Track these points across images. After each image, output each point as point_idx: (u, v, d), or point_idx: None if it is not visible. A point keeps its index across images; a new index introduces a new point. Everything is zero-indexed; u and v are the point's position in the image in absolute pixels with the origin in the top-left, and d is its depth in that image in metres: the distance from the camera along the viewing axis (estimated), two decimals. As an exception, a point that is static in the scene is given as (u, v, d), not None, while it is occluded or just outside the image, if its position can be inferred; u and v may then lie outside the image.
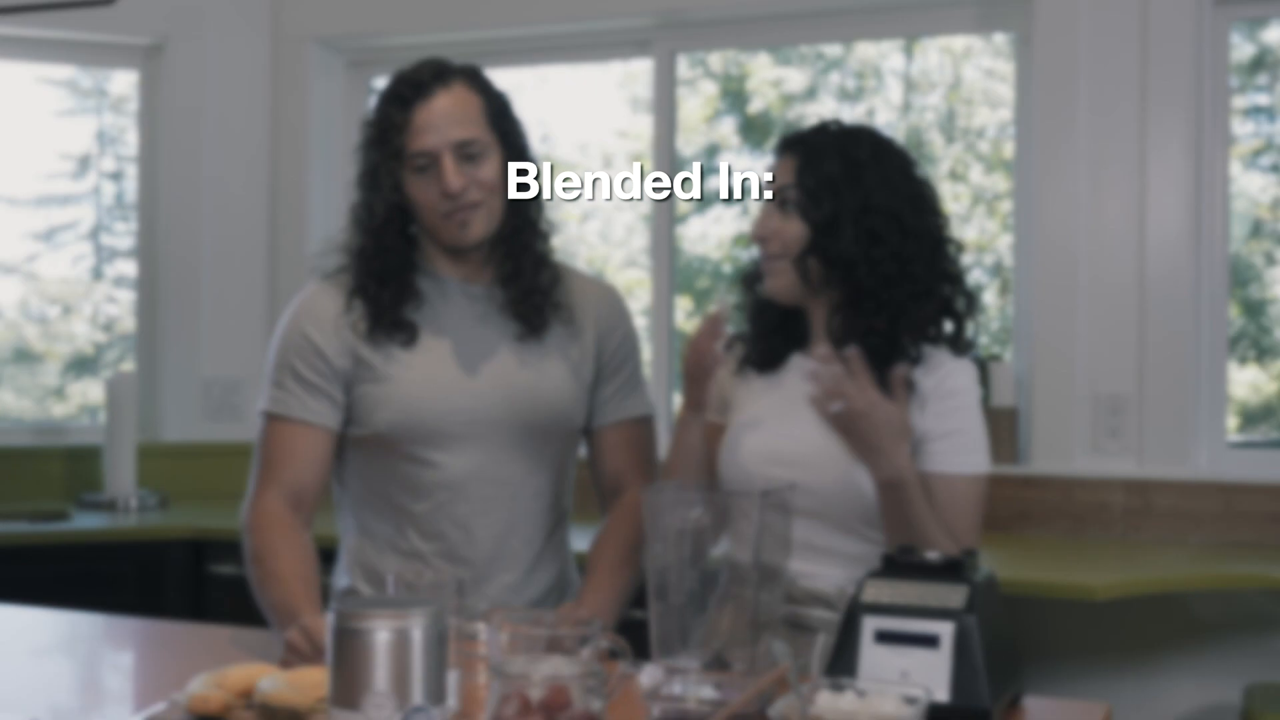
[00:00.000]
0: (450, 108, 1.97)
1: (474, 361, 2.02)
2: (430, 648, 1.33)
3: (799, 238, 1.93)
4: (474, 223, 1.99)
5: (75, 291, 4.32)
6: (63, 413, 4.30)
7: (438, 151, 1.95)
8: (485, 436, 2.01)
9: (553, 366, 2.06)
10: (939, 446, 1.90)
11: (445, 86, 1.98)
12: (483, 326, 2.05)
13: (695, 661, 1.57)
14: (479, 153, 1.97)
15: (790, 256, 1.94)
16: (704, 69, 4.03)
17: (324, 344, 2.00)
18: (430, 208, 1.98)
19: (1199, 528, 3.22)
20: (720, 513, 1.60)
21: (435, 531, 2.02)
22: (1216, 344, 3.32)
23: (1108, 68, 3.31)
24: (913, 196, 1.95)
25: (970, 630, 1.53)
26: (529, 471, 2.05)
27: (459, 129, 1.96)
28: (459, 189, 1.95)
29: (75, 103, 4.29)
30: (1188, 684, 3.18)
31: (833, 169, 1.92)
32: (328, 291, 2.04)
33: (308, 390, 1.99)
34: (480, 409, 2.00)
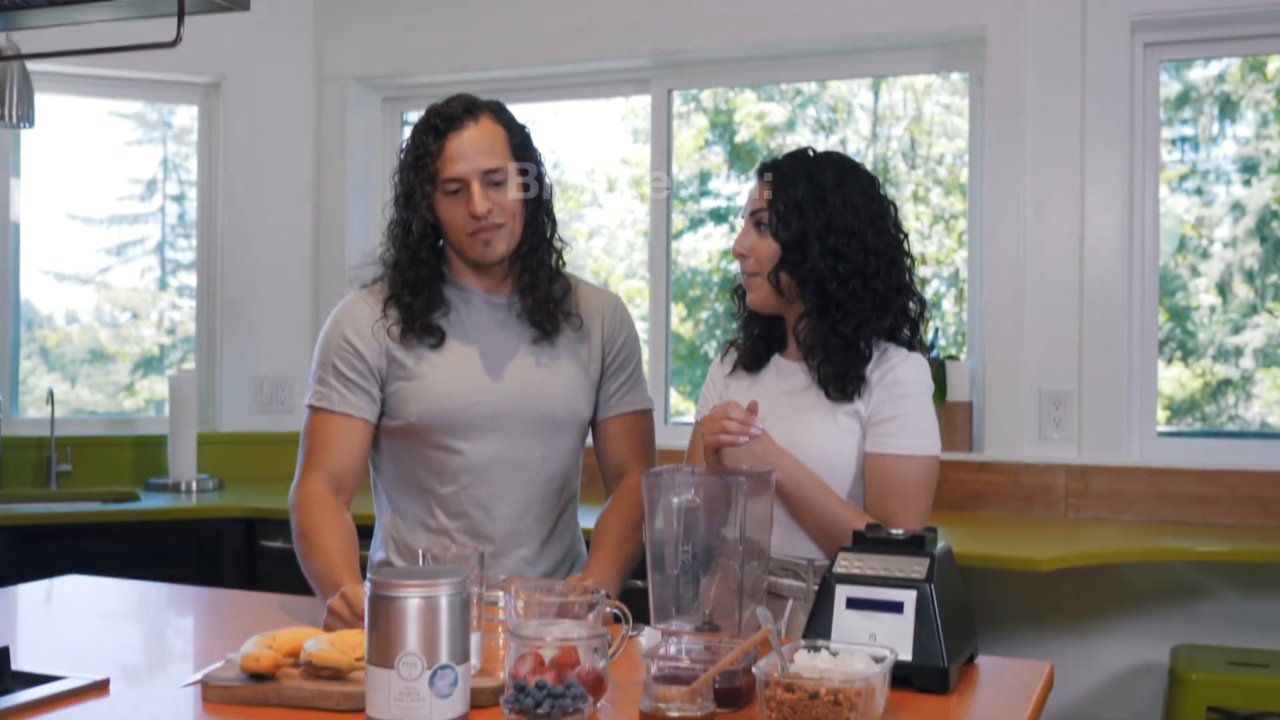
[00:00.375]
0: (478, 139, 1.97)
1: (495, 362, 2.02)
2: (455, 613, 1.33)
3: (772, 255, 1.93)
4: (496, 242, 1.99)
5: (143, 300, 4.32)
6: (132, 406, 4.30)
7: (467, 178, 1.96)
8: (504, 427, 2.01)
9: (564, 366, 2.06)
10: (882, 430, 1.88)
11: (474, 119, 1.98)
12: (503, 331, 2.05)
13: (689, 625, 1.57)
14: (503, 180, 1.98)
15: (765, 272, 1.94)
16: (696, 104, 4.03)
17: (362, 346, 2.00)
18: (458, 227, 1.98)
19: (1131, 507, 3.22)
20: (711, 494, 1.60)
21: (459, 510, 2.02)
22: (1147, 346, 3.32)
23: (1051, 103, 3.31)
24: (874, 215, 1.94)
25: (930, 598, 1.53)
26: (542, 458, 2.05)
27: (486, 158, 1.97)
28: (485, 212, 1.96)
29: (143, 134, 4.29)
30: (1122, 645, 3.18)
31: (800, 193, 1.91)
32: (366, 300, 2.05)
33: (348, 387, 1.99)
34: (500, 403, 2.01)
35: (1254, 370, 3.42)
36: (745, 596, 1.56)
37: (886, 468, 1.87)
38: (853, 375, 1.89)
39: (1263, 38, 3.25)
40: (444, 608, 1.32)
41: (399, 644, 1.30)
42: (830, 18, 3.52)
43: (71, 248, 4.19)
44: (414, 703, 1.30)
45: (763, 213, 1.93)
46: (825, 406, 1.91)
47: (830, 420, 1.90)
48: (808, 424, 1.91)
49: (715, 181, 4.06)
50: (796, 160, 1.96)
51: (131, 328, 4.33)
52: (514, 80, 3.93)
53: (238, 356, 4.08)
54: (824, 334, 1.91)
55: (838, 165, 1.96)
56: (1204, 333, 3.47)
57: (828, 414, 1.90)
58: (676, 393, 3.90)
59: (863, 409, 1.89)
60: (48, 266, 4.16)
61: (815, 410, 1.91)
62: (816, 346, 1.92)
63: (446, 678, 1.31)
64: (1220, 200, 3.45)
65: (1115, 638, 3.18)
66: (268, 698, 1.44)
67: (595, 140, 4.12)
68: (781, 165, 1.96)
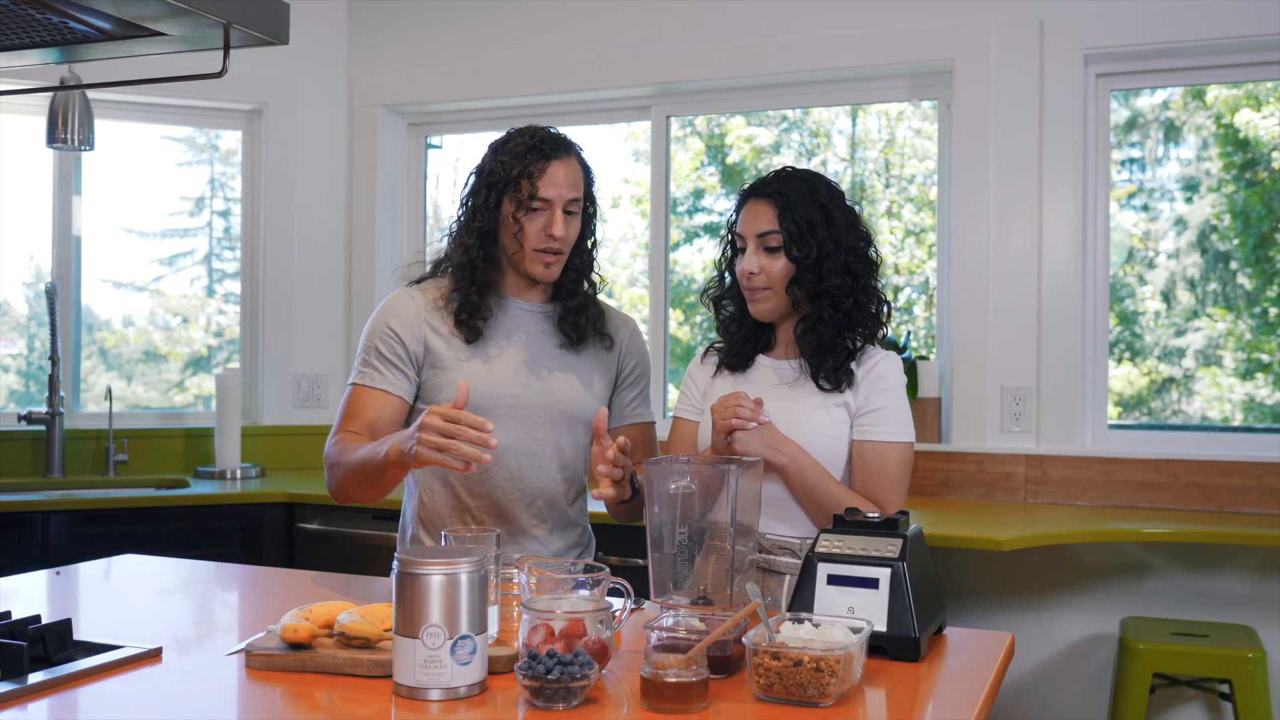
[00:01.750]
0: (571, 171, 2.00)
1: (522, 361, 2.04)
2: (475, 588, 1.33)
3: (785, 273, 1.92)
4: (555, 266, 2.02)
5: (192, 305, 4.31)
6: (182, 401, 4.30)
7: (555, 202, 1.98)
8: (525, 418, 2.02)
9: (582, 370, 2.08)
10: (868, 420, 1.91)
11: (570, 155, 2.02)
12: (534, 336, 2.06)
13: (685, 599, 1.57)
14: (576, 213, 2.01)
15: (775, 288, 1.93)
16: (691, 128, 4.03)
17: (405, 334, 2.01)
18: (531, 240, 1.99)
19: (1084, 493, 3.22)
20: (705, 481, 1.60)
21: (481, 491, 2.03)
22: (1098, 346, 3.32)
23: (1012, 128, 3.31)
24: (855, 225, 1.96)
25: (903, 575, 1.54)
26: (556, 448, 2.06)
27: (573, 190, 2.00)
28: (561, 235, 1.98)
29: (192, 155, 4.29)
30: (1076, 617, 3.18)
31: (809, 214, 1.91)
32: (413, 295, 2.05)
33: (387, 366, 1.99)
34: (521, 396, 2.01)
35: (1195, 369, 3.41)
36: (735, 573, 1.56)
37: (874, 453, 1.89)
38: (845, 369, 1.91)
39: (1203, 69, 3.25)
40: (464, 584, 1.32)
41: (424, 616, 1.30)
42: (812, 51, 3.52)
43: (128, 258, 4.19)
44: (437, 669, 1.30)
45: (771, 235, 1.92)
46: (818, 399, 1.92)
47: (824, 411, 1.91)
48: (803, 414, 1.91)
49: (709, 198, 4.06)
50: (794, 182, 1.95)
51: (182, 330, 4.33)
52: (527, 107, 3.93)
53: (277, 356, 4.08)
54: (824, 335, 1.91)
55: (826, 183, 1.97)
56: (1150, 335, 3.46)
57: (820, 405, 1.91)
58: (675, 390, 3.90)
59: (851, 401, 1.91)
60: (106, 275, 4.16)
61: (809, 402, 1.92)
62: (816, 346, 1.92)
63: (466, 646, 1.31)
64: (1165, 216, 3.45)
65: (1070, 611, 3.18)
66: (305, 665, 1.44)
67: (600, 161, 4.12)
68: (784, 189, 1.94)
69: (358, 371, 2.02)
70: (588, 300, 2.08)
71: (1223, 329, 3.38)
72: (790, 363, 1.98)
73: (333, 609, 1.54)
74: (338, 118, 4.12)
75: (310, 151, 4.10)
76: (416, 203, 4.22)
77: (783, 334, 2.00)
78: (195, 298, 4.30)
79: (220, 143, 4.27)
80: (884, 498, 1.88)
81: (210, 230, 4.32)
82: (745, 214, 1.97)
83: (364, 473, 1.83)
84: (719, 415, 1.85)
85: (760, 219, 1.94)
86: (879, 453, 1.89)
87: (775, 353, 2.01)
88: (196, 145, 4.27)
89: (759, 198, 1.96)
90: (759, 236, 1.93)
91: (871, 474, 1.89)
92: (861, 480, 1.90)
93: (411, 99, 4.06)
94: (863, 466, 1.90)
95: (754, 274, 1.93)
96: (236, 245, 4.22)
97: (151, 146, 4.17)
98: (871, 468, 1.89)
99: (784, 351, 2.00)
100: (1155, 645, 2.72)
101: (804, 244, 1.90)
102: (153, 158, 4.17)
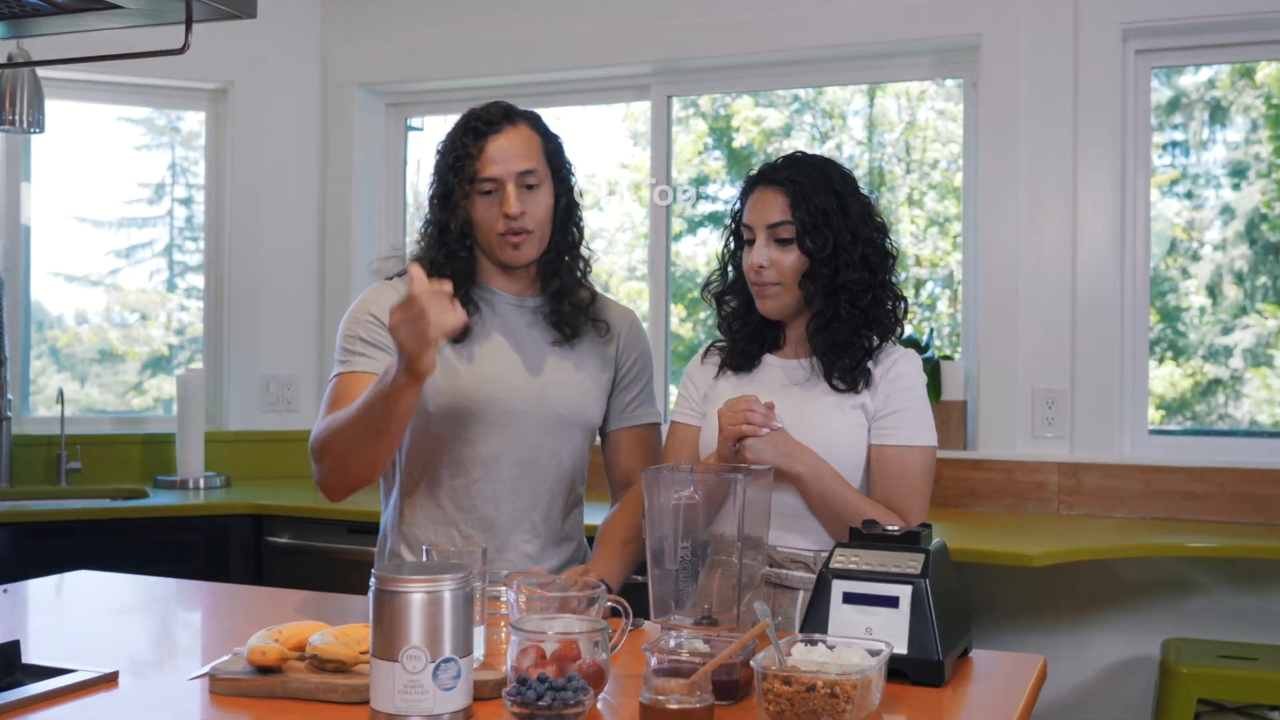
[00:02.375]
0: (515, 142, 2.00)
1: (514, 361, 2.03)
2: (459, 608, 1.33)
3: (797, 266, 1.92)
4: (526, 246, 2.01)
5: (152, 301, 4.31)
6: (141, 405, 4.30)
7: (504, 179, 1.97)
8: (517, 425, 2.02)
9: (580, 370, 2.08)
10: (889, 423, 1.91)
11: (513, 125, 2.01)
12: (526, 333, 2.06)
13: (688, 619, 1.57)
14: (537, 184, 2.00)
15: (786, 283, 1.93)
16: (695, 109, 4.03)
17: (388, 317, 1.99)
18: (490, 227, 2.00)
19: (1123, 504, 3.22)
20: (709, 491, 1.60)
21: (469, 503, 2.02)
22: (1138, 345, 3.32)
23: (1044, 108, 3.31)
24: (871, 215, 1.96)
25: (925, 592, 1.53)
26: (552, 457, 2.05)
27: (522, 161, 1.99)
28: (518, 213, 1.97)
29: (151, 138, 4.29)
30: (1114, 638, 3.18)
31: (824, 203, 1.91)
32: (395, 288, 2.05)
33: (374, 349, 1.98)
34: (515, 400, 2.01)
35: (1243, 370, 3.41)
36: (743, 590, 1.56)
37: (895, 458, 1.90)
38: (862, 368, 1.92)
39: (1252, 45, 3.25)
40: (448, 602, 1.32)
41: (403, 637, 1.30)
42: (826, 25, 3.52)
43: (81, 250, 4.19)
44: (418, 695, 1.30)
45: (783, 225, 1.92)
46: (832, 400, 1.92)
47: (839, 413, 1.91)
48: (817, 417, 1.91)
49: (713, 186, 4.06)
50: (806, 168, 1.95)
51: (140, 328, 4.33)
52: (516, 86, 3.93)
53: (244, 356, 4.08)
54: (839, 333, 1.91)
55: (839, 169, 1.97)
56: (1194, 333, 3.47)
57: (835, 408, 1.92)
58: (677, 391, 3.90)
59: (869, 403, 1.91)
60: (58, 269, 4.16)
61: (823, 404, 1.92)
62: (830, 344, 1.92)
63: (450, 670, 1.31)
64: (1210, 204, 3.45)
65: (1107, 632, 3.18)
66: (274, 690, 1.44)
67: (596, 145, 4.12)
68: (796, 175, 1.94)
69: (340, 362, 2.00)
70: (572, 282, 2.07)
71: (1273, 326, 3.38)
72: (801, 362, 1.98)
73: (304, 630, 1.53)
74: (310, 98, 4.12)
75: (280, 134, 4.10)
76: (396, 190, 4.22)
77: (793, 332, 2.00)
78: (155, 293, 4.30)
79: (182, 125, 4.27)
80: (906, 506, 1.88)
81: (171, 219, 4.32)
82: (753, 203, 1.97)
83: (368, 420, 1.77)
84: (727, 420, 1.85)
85: (770, 208, 1.93)
86: (900, 458, 1.90)
87: (784, 352, 2.01)
88: (156, 127, 4.27)
89: (768, 185, 1.95)
90: (769, 227, 1.93)
91: (893, 481, 1.89)
92: (882, 488, 1.90)
93: (390, 77, 4.06)
94: (883, 473, 1.90)
95: (763, 268, 1.93)
96: (200, 236, 4.22)
97: (107, 129, 4.17)
98: (893, 474, 1.89)
99: (794, 350, 2.00)
100: (1200, 669, 2.72)
101: (819, 235, 1.90)
102: (108, 141, 4.17)
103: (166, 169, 4.30)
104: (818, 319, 1.94)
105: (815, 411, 1.92)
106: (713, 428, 1.94)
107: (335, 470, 1.87)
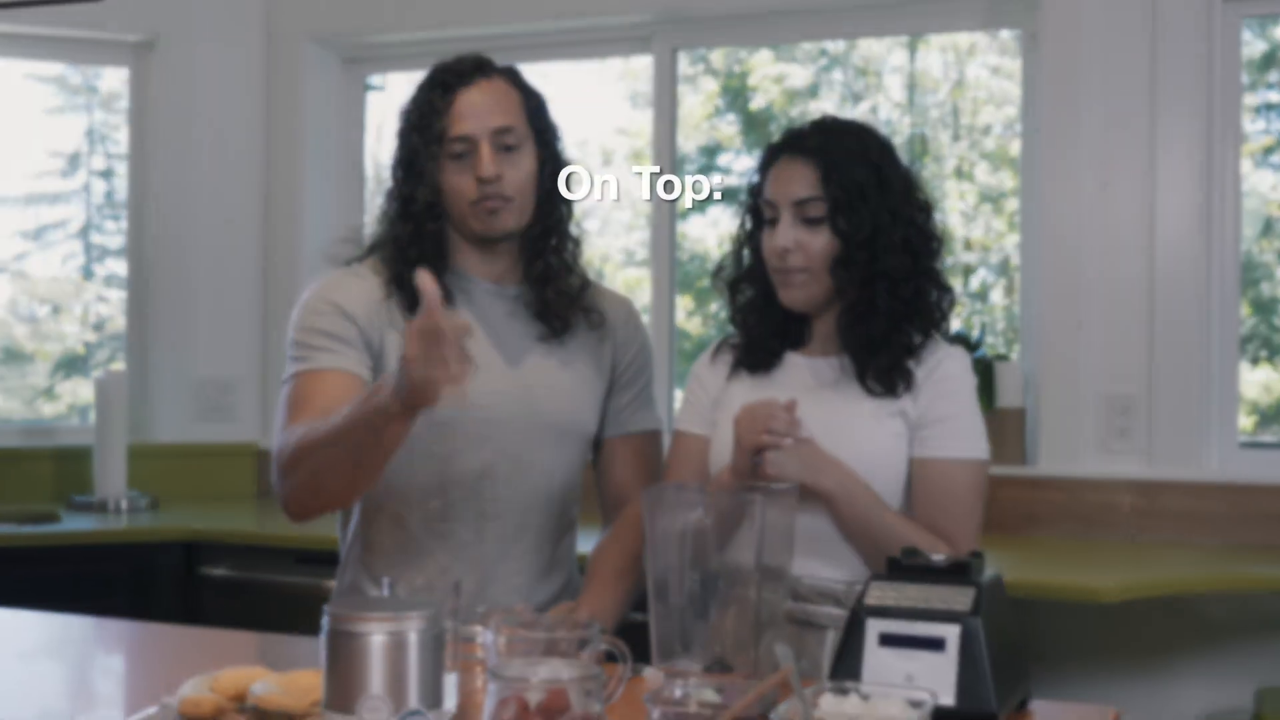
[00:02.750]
0: (491, 96, 2.01)
1: (494, 360, 2.03)
2: (427, 651, 1.33)
3: (827, 251, 1.92)
4: (504, 213, 2.01)
5: (65, 290, 4.31)
6: (52, 413, 4.30)
7: (477, 137, 1.98)
8: (499, 435, 2.01)
9: (573, 370, 2.08)
10: (933, 433, 1.91)
11: (487, 78, 2.02)
12: (507, 326, 2.06)
13: (696, 664, 1.57)
14: (516, 145, 2.00)
15: (815, 270, 1.93)
16: (705, 65, 4.03)
17: (358, 313, 1.98)
18: (463, 195, 2.00)
19: (1209, 529, 3.21)
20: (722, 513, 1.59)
21: (444, 530, 2.02)
22: (1227, 343, 3.32)
23: (1116, 64, 3.31)
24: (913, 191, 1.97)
25: (976, 633, 1.53)
26: (541, 474, 2.05)
27: (498, 116, 1.99)
28: (494, 174, 1.97)
29: (64, 100, 4.29)
30: (1198, 688, 3.17)
31: (861, 176, 1.91)
32: (354, 275, 2.05)
33: (336, 343, 1.96)
34: (496, 407, 2.01)
35: (1350, 372, 3.42)
36: (762, 631, 1.56)
37: (940, 473, 1.90)
38: (901, 368, 1.92)
39: (1360, -12, 3.26)
40: (413, 644, 1.32)
41: (361, 685, 1.30)
42: (860, -35, 3.52)
43: (-17, 231, 4.19)
44: (378, 753, 1.30)
45: (812, 203, 1.92)
46: (867, 406, 1.92)
47: (875, 421, 1.91)
48: (850, 425, 1.91)
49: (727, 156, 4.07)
50: (839, 134, 1.95)
51: (52, 323, 4.33)
52: (496, 38, 3.93)
53: (175, 356, 4.08)
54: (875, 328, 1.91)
55: (876, 136, 1.98)
56: (1292, 329, 3.47)
57: (870, 415, 1.92)
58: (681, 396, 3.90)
59: (910, 408, 1.91)
60: (-45, 253, 4.17)
61: (855, 410, 1.92)
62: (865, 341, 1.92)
63: (416, 724, 1.31)
64: (1311, 176, 3.45)
65: (1190, 679, 3.18)
66: (209, 748, 1.44)
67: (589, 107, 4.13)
68: (828, 143, 1.94)
69: (297, 359, 1.98)
70: (559, 265, 2.06)
71: (1385, 321, 3.38)
72: (829, 361, 1.98)
73: (244, 677, 1.53)
74: (251, 52, 4.12)
75: (216, 95, 4.09)
76: (353, 161, 4.22)
77: (820, 326, 2.01)
78: (69, 281, 4.30)
79: (101, 84, 4.27)
80: (955, 530, 1.88)
81: (88, 195, 4.32)
82: (776, 175, 1.96)
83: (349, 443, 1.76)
84: (745, 429, 1.85)
85: (797, 182, 1.93)
86: (947, 474, 1.90)
87: (810, 349, 2.01)
88: (70, 87, 4.27)
89: (794, 155, 1.95)
90: (795, 205, 1.93)
91: (938, 501, 1.89)
92: (926, 509, 1.90)
93: (346, 28, 4.05)
94: (926, 491, 1.90)
95: (789, 251, 1.93)
96: (121, 214, 4.22)
97: (13, 88, 4.17)
98: (938, 493, 1.89)
99: (821, 347, 2.00)
100: (1299, 725, 2.72)
101: (854, 215, 1.90)
102: (14, 103, 4.17)
103: (83, 136, 4.30)
104: (850, 311, 1.95)
105: (847, 419, 1.92)
106: (725, 438, 1.94)
107: (305, 489, 1.86)
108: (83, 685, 1.90)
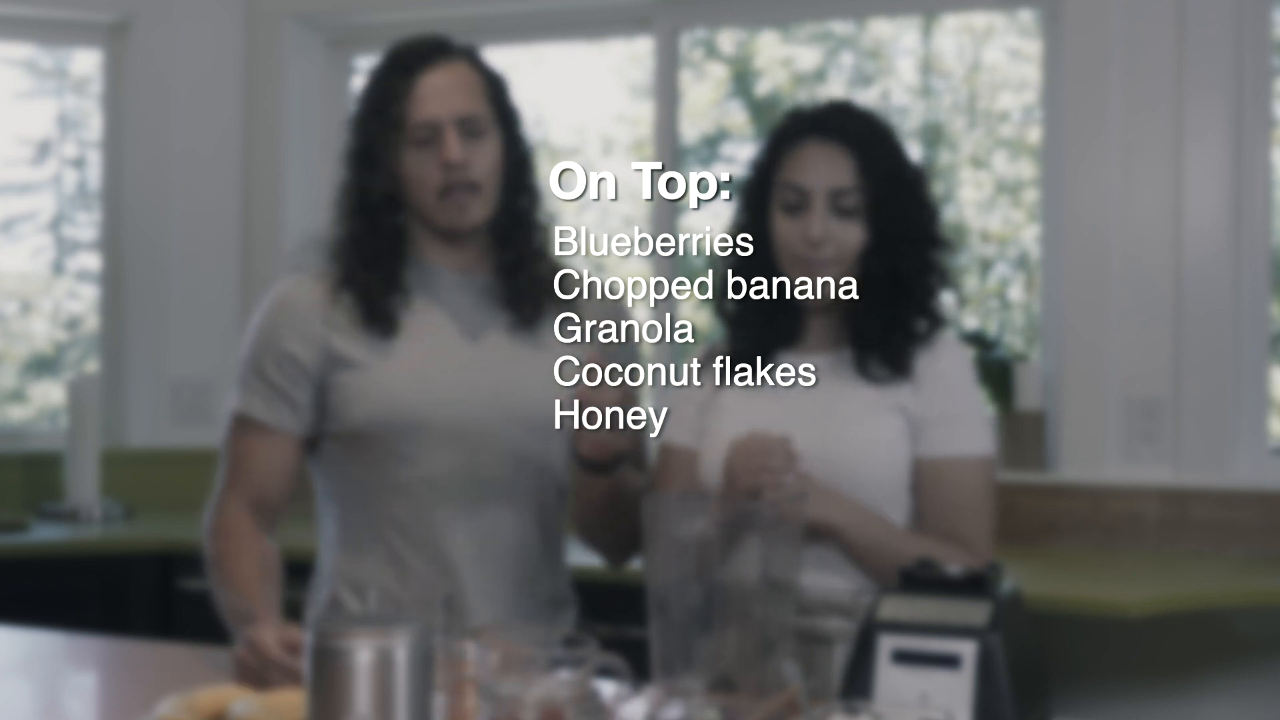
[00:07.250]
0: (454, 79, 2.01)
1: (463, 353, 2.03)
2: (415, 669, 1.33)
3: (858, 244, 1.92)
4: (472, 206, 2.01)
5: (34, 287, 4.32)
6: (21, 417, 4.30)
7: (440, 122, 1.98)
8: (471, 433, 2.01)
9: (545, 362, 2.06)
10: (939, 430, 1.92)
11: (448, 60, 2.02)
12: (475, 317, 2.06)
13: (699, 683, 1.57)
14: (481, 130, 2.01)
15: (846, 264, 1.93)
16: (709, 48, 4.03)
17: (295, 345, 2.02)
18: (426, 184, 2.00)
19: (1240, 539, 3.21)
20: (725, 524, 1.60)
21: (420, 536, 2.01)
22: (1258, 343, 3.32)
23: (1142, 47, 3.31)
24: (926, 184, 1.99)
25: (994, 650, 1.53)
26: (517, 473, 2.04)
27: (463, 101, 1.99)
28: (460, 160, 1.97)
29: (34, 84, 4.29)
30: (1229, 706, 3.18)
31: (895, 169, 1.92)
32: (304, 284, 2.07)
33: (275, 394, 2.02)
34: (468, 402, 2.01)
35: (1388, 373, 3.42)
36: (768, 647, 1.56)
37: (950, 473, 1.91)
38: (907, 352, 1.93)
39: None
40: (401, 662, 1.32)
41: (345, 706, 1.30)
42: (872, -57, 3.53)
43: (-53, 224, 4.19)
44: (364, 777, 1.30)
45: (849, 193, 1.92)
46: (867, 398, 1.93)
47: (875, 416, 1.92)
48: (849, 421, 1.92)
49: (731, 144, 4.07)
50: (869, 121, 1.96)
51: (20, 321, 4.33)
52: (487, 19, 3.94)
53: (150, 356, 4.08)
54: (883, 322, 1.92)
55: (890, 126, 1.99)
56: (1328, 327, 3.47)
57: (870, 409, 1.92)
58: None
59: (910, 404, 1.92)
60: (-82, 246, 4.17)
61: (856, 404, 1.93)
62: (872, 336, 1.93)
63: (404, 747, 1.31)
64: (1347, 165, 3.45)
65: (1221, 698, 3.18)
66: (186, 771, 1.44)
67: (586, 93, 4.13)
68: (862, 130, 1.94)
69: (239, 394, 2.06)
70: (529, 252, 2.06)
71: None
72: (826, 357, 1.99)
73: (223, 696, 1.53)
74: (231, 33, 4.12)
75: (194, 79, 4.10)
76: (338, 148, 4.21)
77: (818, 321, 2.01)
78: (38, 277, 4.30)
79: (72, 67, 4.27)
80: (970, 533, 1.89)
81: (59, 185, 4.32)
82: (805, 159, 1.94)
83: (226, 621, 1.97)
84: (740, 468, 1.84)
85: (834, 168, 1.92)
86: (957, 472, 1.91)
87: (805, 346, 2.01)
88: (40, 70, 4.27)
89: (825, 138, 1.94)
90: (831, 193, 1.92)
91: (949, 502, 1.90)
92: (935, 511, 1.91)
93: (331, 8, 4.06)
94: (936, 493, 1.91)
95: (821, 243, 1.92)
96: (95, 205, 4.22)
97: (-21, 72, 4.17)
98: (948, 493, 1.90)
99: (818, 344, 2.00)
100: (1335, 745, 2.72)
101: (892, 210, 1.91)
102: (-19, 87, 4.17)
103: (53, 122, 4.30)
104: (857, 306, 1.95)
105: (846, 414, 1.92)
106: (714, 451, 1.94)
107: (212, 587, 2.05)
108: (52, 705, 1.90)
